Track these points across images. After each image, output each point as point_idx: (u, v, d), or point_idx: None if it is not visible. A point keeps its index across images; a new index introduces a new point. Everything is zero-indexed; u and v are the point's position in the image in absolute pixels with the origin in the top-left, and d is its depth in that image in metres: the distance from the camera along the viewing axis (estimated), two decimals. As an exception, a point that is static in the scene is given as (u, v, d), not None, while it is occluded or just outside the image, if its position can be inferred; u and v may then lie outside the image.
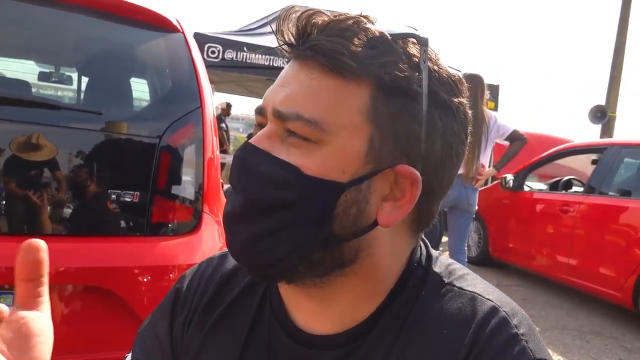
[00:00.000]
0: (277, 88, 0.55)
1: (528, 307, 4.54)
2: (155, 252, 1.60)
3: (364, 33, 0.52)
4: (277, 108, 0.53)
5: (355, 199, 0.53)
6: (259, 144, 0.54)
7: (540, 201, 5.42)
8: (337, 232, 0.53)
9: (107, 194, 1.58)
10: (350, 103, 0.52)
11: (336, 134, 0.52)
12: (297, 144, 0.52)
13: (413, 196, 0.54)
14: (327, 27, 0.52)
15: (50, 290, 1.36)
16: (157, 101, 1.97)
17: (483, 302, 0.57)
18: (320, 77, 0.52)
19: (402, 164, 0.53)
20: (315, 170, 0.52)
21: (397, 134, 0.53)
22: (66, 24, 1.83)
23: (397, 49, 0.53)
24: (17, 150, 1.54)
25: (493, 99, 8.83)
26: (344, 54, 0.50)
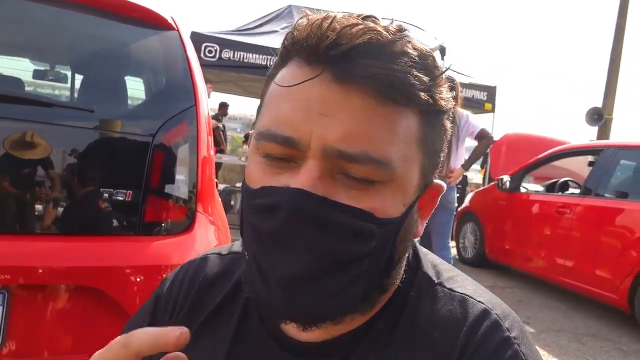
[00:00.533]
0: (317, 117, 0.45)
1: (524, 308, 4.54)
2: (148, 251, 1.58)
3: (416, 54, 0.47)
4: (337, 147, 0.45)
5: (410, 224, 0.52)
6: (314, 189, 0.46)
7: (537, 203, 5.42)
8: (396, 262, 0.52)
9: (100, 192, 1.56)
10: (408, 133, 0.48)
11: (401, 169, 0.48)
12: (359, 184, 0.47)
13: (434, 203, 0.55)
14: (382, 49, 0.45)
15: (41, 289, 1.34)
16: (151, 99, 1.95)
17: (474, 305, 0.56)
18: (377, 107, 0.45)
19: (434, 179, 0.54)
20: (385, 210, 0.48)
21: (435, 151, 0.52)
22: (60, 21, 1.81)
23: (440, 69, 0.50)
24: (9, 148, 1.52)
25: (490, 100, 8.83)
26: (415, 86, 0.46)
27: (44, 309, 1.47)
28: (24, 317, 1.43)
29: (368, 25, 0.45)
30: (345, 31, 0.45)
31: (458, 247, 6.53)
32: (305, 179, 0.46)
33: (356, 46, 0.44)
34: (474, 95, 8.77)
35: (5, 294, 1.39)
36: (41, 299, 1.47)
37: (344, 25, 0.45)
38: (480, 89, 8.84)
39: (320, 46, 0.45)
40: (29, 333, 1.44)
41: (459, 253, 6.51)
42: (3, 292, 1.39)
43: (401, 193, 0.49)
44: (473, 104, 8.84)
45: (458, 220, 6.64)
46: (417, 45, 0.48)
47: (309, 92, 0.46)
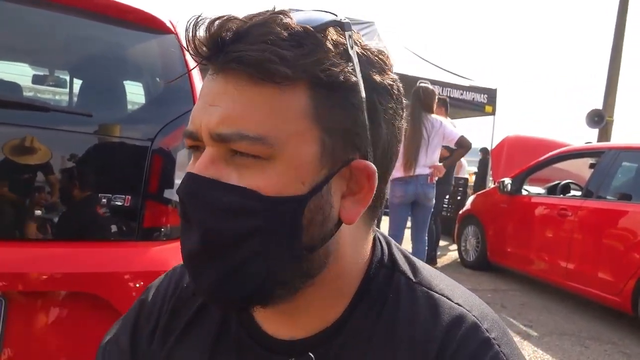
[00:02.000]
0: (207, 107, 0.49)
1: (526, 312, 4.52)
2: (147, 257, 1.56)
3: (287, 32, 0.47)
4: (215, 131, 0.48)
5: (318, 206, 0.50)
6: (204, 172, 0.49)
7: (538, 205, 5.40)
8: (306, 244, 0.50)
9: (98, 197, 1.55)
10: (290, 110, 0.48)
11: (285, 145, 0.48)
12: (247, 164, 0.48)
13: (371, 187, 0.53)
14: (246, 34, 0.47)
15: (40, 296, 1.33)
16: (150, 103, 1.94)
17: (452, 307, 0.56)
18: (252, 88, 0.47)
19: (356, 160, 0.52)
20: (275, 189, 0.48)
21: (344, 130, 0.50)
22: (58, 25, 1.80)
23: (323, 41, 0.49)
24: (8, 153, 1.50)
25: (490, 102, 8.84)
26: (275, 61, 0.46)
27: (42, 315, 1.46)
28: (22, 324, 1.41)
29: (231, 16, 0.48)
30: (212, 27, 0.48)
31: (460, 250, 6.51)
32: (198, 164, 0.50)
33: (221, 36, 0.47)
34: (474, 98, 8.78)
35: (3, 301, 1.38)
36: (40, 305, 1.45)
37: (210, 22, 0.48)
38: (480, 92, 8.84)
39: (199, 48, 0.49)
40: (27, 340, 1.42)
41: (460, 256, 6.48)
42: (1, 299, 1.38)
43: (293, 170, 0.48)
44: (473, 106, 8.86)
45: (459, 223, 6.62)
46: (290, 25, 0.48)
47: (204, 88, 0.51)
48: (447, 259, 6.75)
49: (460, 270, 6.01)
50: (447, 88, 8.46)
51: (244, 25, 0.48)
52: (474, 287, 5.24)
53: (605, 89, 10.80)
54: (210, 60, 0.49)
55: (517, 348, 0.56)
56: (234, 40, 0.48)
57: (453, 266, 6.28)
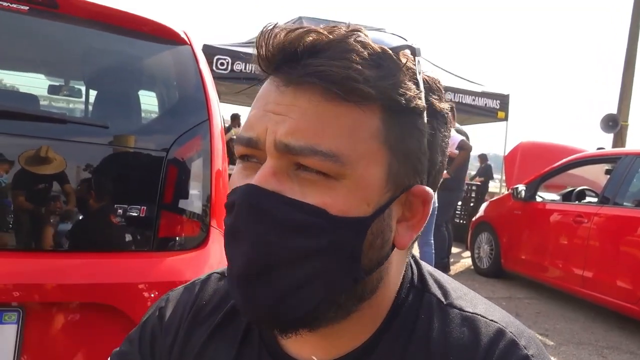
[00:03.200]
0: (272, 116, 0.48)
1: (542, 320, 4.46)
2: (162, 267, 1.56)
3: (366, 51, 0.47)
4: (284, 141, 0.46)
5: (380, 229, 0.50)
6: (265, 184, 0.47)
7: (553, 212, 5.35)
8: (365, 267, 0.49)
9: (114, 208, 1.56)
10: (364, 130, 0.47)
11: (355, 165, 0.47)
12: (313, 180, 0.47)
13: (425, 214, 0.52)
14: (327, 48, 0.46)
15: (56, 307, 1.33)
16: (165, 114, 1.95)
17: (487, 325, 0.55)
18: (326, 104, 0.46)
19: (416, 185, 0.51)
20: (341, 208, 0.47)
21: (409, 153, 0.50)
22: (75, 37, 1.83)
23: (399, 64, 0.49)
24: (25, 164, 1.52)
25: (503, 108, 8.79)
26: (358, 80, 0.45)
27: (58, 326, 1.46)
28: (39, 334, 1.42)
29: (310, 28, 0.47)
30: (289, 37, 0.47)
31: (473, 257, 6.45)
32: (259, 176, 0.48)
33: (299, 48, 0.46)
34: (486, 104, 8.74)
35: (20, 312, 1.39)
36: (56, 316, 1.46)
37: (287, 32, 0.47)
38: (493, 97, 8.80)
39: (271, 55, 0.48)
40: (44, 350, 1.43)
41: (474, 263, 6.43)
42: (18, 310, 1.39)
43: (360, 190, 0.47)
44: (486, 112, 8.82)
45: (472, 229, 6.57)
46: (368, 44, 0.47)
47: (268, 98, 0.49)
48: (460, 266, 6.70)
49: (473, 278, 5.95)
50: (459, 94, 8.43)
51: (323, 40, 0.47)
52: (488, 295, 5.18)
53: (619, 93, 10.69)
54: (280, 70, 0.48)
55: None
56: (313, 53, 0.46)
57: (466, 273, 6.23)
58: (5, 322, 1.37)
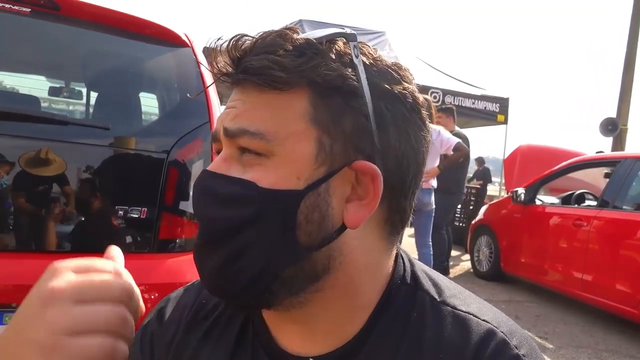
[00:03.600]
0: (224, 112, 0.56)
1: (542, 324, 4.46)
2: (163, 269, 1.57)
3: (289, 43, 0.52)
4: (225, 126, 0.54)
5: (315, 203, 0.52)
6: (216, 169, 0.54)
7: (553, 215, 5.35)
8: (303, 241, 0.52)
9: (115, 209, 1.56)
10: (291, 112, 0.52)
11: (283, 142, 0.52)
12: (252, 161, 0.53)
13: (376, 191, 0.53)
14: (254, 48, 0.53)
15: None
16: (166, 116, 1.96)
17: (479, 324, 0.56)
18: (257, 94, 0.53)
19: (358, 160, 0.53)
20: (270, 181, 0.51)
21: (345, 131, 0.52)
22: (76, 39, 1.83)
23: (325, 51, 0.53)
24: (26, 166, 1.52)
25: (502, 111, 8.80)
26: (273, 68, 0.51)
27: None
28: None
29: (243, 35, 0.54)
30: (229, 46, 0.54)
31: (472, 260, 6.45)
32: (213, 163, 0.55)
33: (237, 53, 0.53)
34: (486, 107, 8.75)
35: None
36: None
37: (228, 42, 0.54)
38: (492, 101, 8.81)
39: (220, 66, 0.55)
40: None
41: (473, 266, 6.43)
42: (18, 311, 1.39)
43: (288, 165, 0.51)
44: (485, 115, 8.83)
45: (472, 233, 6.57)
46: (293, 38, 0.53)
47: (230, 98, 0.56)
48: (459, 269, 6.69)
49: (473, 281, 5.95)
50: (459, 97, 8.44)
51: (253, 41, 0.53)
52: (487, 297, 5.18)
53: (618, 96, 10.71)
54: (228, 75, 0.55)
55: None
56: (245, 55, 0.53)
57: (466, 276, 6.23)
58: (7, 323, 1.37)
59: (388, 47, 9.18)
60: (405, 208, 0.58)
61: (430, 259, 4.63)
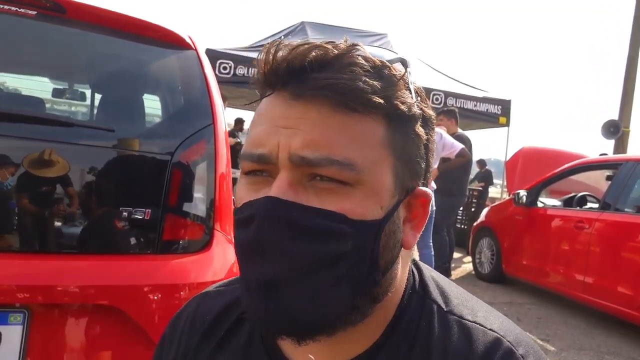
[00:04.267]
0: (282, 131, 0.49)
1: (543, 326, 4.46)
2: (167, 270, 1.57)
3: (369, 64, 0.50)
4: (299, 154, 0.48)
5: (392, 230, 0.52)
6: (284, 196, 0.48)
7: (555, 217, 5.35)
8: (382, 269, 0.52)
9: (119, 211, 1.57)
10: (372, 138, 0.50)
11: (369, 171, 0.49)
12: (330, 188, 0.49)
13: (425, 213, 0.55)
14: (333, 62, 0.49)
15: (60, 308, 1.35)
16: (170, 118, 1.97)
17: (485, 333, 0.55)
18: (336, 115, 0.48)
19: (417, 186, 0.54)
20: (359, 213, 0.49)
21: (410, 158, 0.53)
22: (81, 41, 1.84)
23: (397, 75, 0.52)
24: (30, 167, 1.53)
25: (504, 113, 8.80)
26: (367, 90, 0.48)
27: (63, 327, 1.47)
28: (44, 335, 1.43)
29: (314, 44, 0.49)
30: (294, 53, 0.49)
31: (474, 262, 6.45)
32: (275, 188, 0.49)
33: (306, 63, 0.48)
34: (488, 109, 8.75)
35: (25, 313, 1.40)
36: (61, 317, 1.47)
37: (292, 48, 0.49)
38: (494, 103, 8.81)
39: (276, 71, 0.50)
40: (49, 351, 1.44)
41: (475, 268, 6.43)
42: (23, 311, 1.40)
43: (373, 195, 0.50)
44: (487, 117, 8.82)
45: (474, 234, 6.58)
46: (369, 57, 0.50)
47: (274, 112, 0.50)
48: (461, 271, 6.69)
49: (474, 283, 5.95)
50: (461, 99, 8.45)
51: (329, 54, 0.49)
52: (489, 300, 5.18)
53: (621, 99, 10.70)
54: (288, 85, 0.50)
55: None
56: (320, 67, 0.49)
57: (468, 278, 6.23)
58: (11, 323, 1.38)
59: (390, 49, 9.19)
60: (426, 216, 0.59)
61: (432, 259, 4.64)
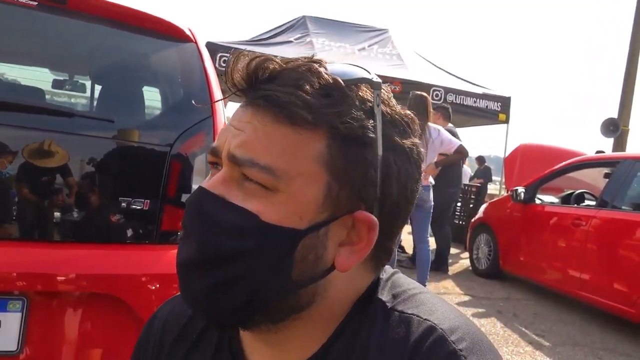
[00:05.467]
0: (232, 130, 0.54)
1: (539, 322, 4.48)
2: (165, 260, 1.59)
3: (317, 80, 0.51)
4: (232, 152, 0.52)
5: (313, 245, 0.53)
6: (214, 189, 0.53)
7: (552, 214, 5.37)
8: (295, 279, 0.53)
9: (118, 201, 1.59)
10: (305, 152, 0.51)
11: (291, 181, 0.51)
12: (254, 190, 0.52)
13: (370, 240, 0.55)
14: (279, 75, 0.52)
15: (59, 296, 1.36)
16: (169, 110, 1.98)
17: (420, 323, 0.55)
18: (274, 125, 0.51)
19: (360, 210, 0.54)
20: (274, 217, 0.51)
21: (353, 180, 0.53)
22: (81, 32, 1.85)
23: (351, 96, 0.53)
24: (29, 156, 1.55)
25: (504, 110, 8.81)
26: (298, 105, 0.50)
27: (62, 315, 1.50)
28: (42, 323, 1.45)
29: (269, 57, 0.53)
30: (251, 64, 0.53)
31: (472, 258, 6.48)
32: (211, 181, 0.54)
33: (258, 75, 0.52)
34: (487, 106, 8.75)
35: (24, 301, 1.42)
36: (59, 305, 1.49)
37: (251, 59, 0.53)
38: (494, 100, 8.81)
39: (233, 79, 0.54)
40: (47, 338, 1.46)
41: (472, 264, 6.45)
42: (22, 299, 1.42)
43: (293, 205, 0.51)
44: (487, 114, 8.83)
45: (471, 230, 6.60)
46: (322, 75, 0.52)
47: (235, 114, 0.55)
48: (458, 266, 6.72)
49: (472, 278, 5.98)
50: (461, 96, 8.45)
51: (276, 68, 0.52)
52: (486, 295, 5.21)
53: (620, 97, 10.71)
54: (244, 92, 0.54)
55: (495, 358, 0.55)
56: (267, 80, 0.52)
57: (465, 274, 6.26)
58: (10, 310, 1.40)
59: (391, 44, 9.18)
60: (391, 248, 0.60)
61: (428, 254, 4.68)
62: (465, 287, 5.50)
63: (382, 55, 8.84)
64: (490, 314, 4.58)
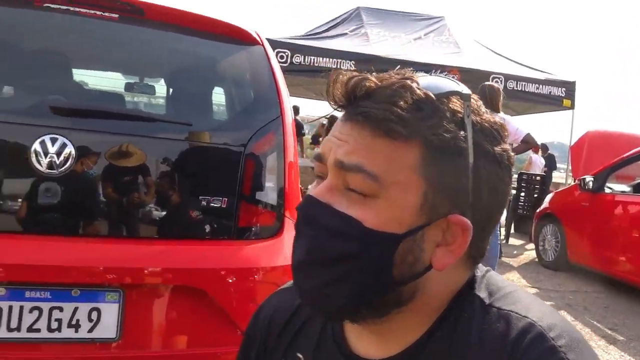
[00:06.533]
0: (335, 141, 0.59)
1: (611, 315, 4.33)
2: (243, 254, 1.69)
3: (410, 96, 0.56)
4: (340, 159, 0.58)
5: (411, 247, 0.58)
6: (321, 197, 0.59)
7: (623, 204, 5.15)
8: (396, 278, 0.58)
9: (198, 200, 1.69)
10: (402, 161, 0.56)
11: (390, 188, 0.56)
12: (357, 199, 0.57)
13: (464, 242, 0.59)
14: (374, 93, 0.56)
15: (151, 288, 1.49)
16: (241, 111, 2.07)
17: (519, 320, 0.58)
18: (373, 139, 0.56)
19: (453, 214, 0.58)
20: (375, 222, 0.56)
21: (447, 187, 0.57)
22: (158, 40, 1.97)
23: (442, 108, 0.57)
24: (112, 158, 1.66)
25: (569, 96, 8.46)
26: (393, 120, 0.55)
27: (151, 305, 1.62)
28: (136, 313, 1.58)
29: (365, 76, 0.58)
30: (349, 83, 0.58)
31: (537, 249, 6.31)
32: (317, 189, 0.60)
33: (356, 93, 0.58)
34: (551, 92, 8.43)
35: (121, 292, 1.55)
36: (149, 296, 1.62)
37: (349, 77, 0.58)
38: (558, 85, 8.48)
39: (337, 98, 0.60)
40: (140, 327, 1.59)
41: (538, 256, 6.28)
42: (119, 291, 1.55)
43: (392, 211, 0.56)
44: (550, 100, 8.51)
45: (537, 221, 6.42)
46: (414, 90, 0.56)
47: (336, 126, 0.61)
48: (524, 258, 6.56)
49: (538, 270, 5.83)
50: (522, 82, 8.18)
51: (372, 87, 0.57)
52: (554, 287, 5.08)
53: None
54: (343, 108, 0.60)
55: (592, 357, 0.56)
56: (364, 97, 0.57)
57: (531, 266, 6.11)
58: (109, 301, 1.54)
59: (447, 32, 9.00)
60: (484, 247, 0.64)
61: (497, 247, 4.58)
62: (532, 279, 5.37)
63: (438, 44, 8.68)
64: (559, 307, 4.46)
